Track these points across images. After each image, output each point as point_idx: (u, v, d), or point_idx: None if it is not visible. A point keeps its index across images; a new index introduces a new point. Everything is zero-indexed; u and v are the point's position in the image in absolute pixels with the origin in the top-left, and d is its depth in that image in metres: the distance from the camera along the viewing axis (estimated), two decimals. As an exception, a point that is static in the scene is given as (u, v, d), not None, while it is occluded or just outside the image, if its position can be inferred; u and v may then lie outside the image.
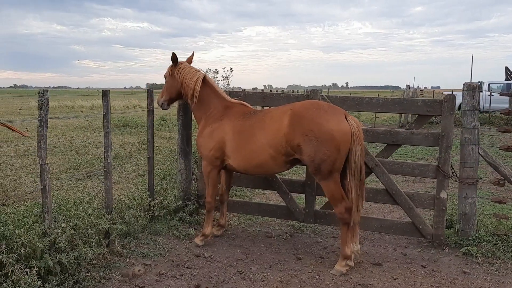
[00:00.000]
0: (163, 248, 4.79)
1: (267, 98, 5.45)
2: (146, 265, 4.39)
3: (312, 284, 4.09)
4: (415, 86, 27.01)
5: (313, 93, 5.18)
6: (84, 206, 4.40)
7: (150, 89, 5.36)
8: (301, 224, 5.62)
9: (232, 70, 10.61)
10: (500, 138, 14.33)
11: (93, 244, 3.94)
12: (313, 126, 4.18)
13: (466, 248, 4.67)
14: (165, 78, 5.16)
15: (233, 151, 4.68)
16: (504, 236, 4.68)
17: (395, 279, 4.23)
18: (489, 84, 21.67)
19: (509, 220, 4.93)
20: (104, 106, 4.40)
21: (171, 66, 5.08)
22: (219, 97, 4.97)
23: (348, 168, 4.31)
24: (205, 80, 4.99)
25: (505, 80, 25.49)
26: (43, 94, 3.53)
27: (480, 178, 4.86)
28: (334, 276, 4.25)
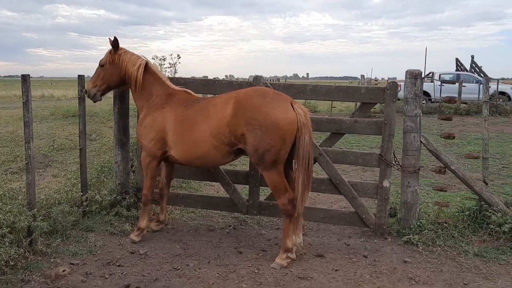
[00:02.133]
0: (95, 246, 4.47)
1: (210, 85, 5.20)
2: (73, 264, 4.07)
3: (250, 279, 3.91)
4: (373, 77, 27.41)
5: (256, 80, 4.97)
6: (3, 202, 4.02)
7: (81, 76, 4.96)
8: (246, 216, 5.44)
9: (180, 57, 10.26)
10: (450, 127, 14.72)
11: (8, 244, 3.57)
12: (258, 114, 3.97)
13: (407, 236, 4.63)
14: (102, 65, 4.75)
15: (174, 141, 4.41)
16: (445, 224, 4.69)
17: (336, 270, 4.12)
18: (440, 75, 22.25)
19: (449, 207, 4.95)
20: (23, 93, 4.00)
21: (111, 52, 4.73)
22: (162, 85, 4.69)
23: (295, 157, 4.13)
24: (147, 66, 4.69)
25: (456, 70, 26.31)
26: None
27: (422, 166, 4.82)
28: (274, 269, 4.09)
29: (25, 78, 4.01)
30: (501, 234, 4.48)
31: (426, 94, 21.58)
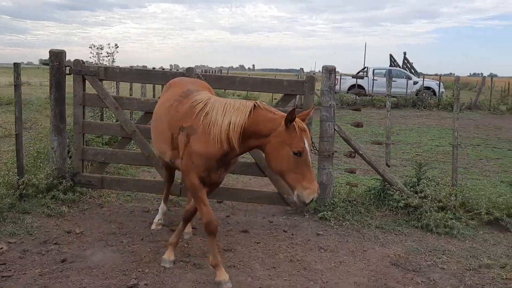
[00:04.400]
0: (31, 226, 4.69)
1: (144, 75, 5.52)
2: (11, 243, 4.30)
3: (180, 252, 4.34)
4: (316, 70, 28.55)
5: (189, 71, 5.35)
6: None
7: (17, 63, 5.10)
8: (180, 198, 5.83)
9: (117, 47, 10.17)
10: (379, 118, 15.82)
11: None
12: None
13: (322, 213, 5.25)
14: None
15: None
16: (354, 202, 5.37)
17: (257, 243, 4.65)
18: (373, 70, 23.61)
19: (358, 187, 5.64)
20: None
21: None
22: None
23: None
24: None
25: (390, 66, 27.99)
26: None
27: (336, 151, 5.46)
28: (204, 243, 4.54)
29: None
30: (399, 209, 5.23)
31: (360, 87, 22.87)
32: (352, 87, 22.75)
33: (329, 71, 5.24)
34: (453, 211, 5.10)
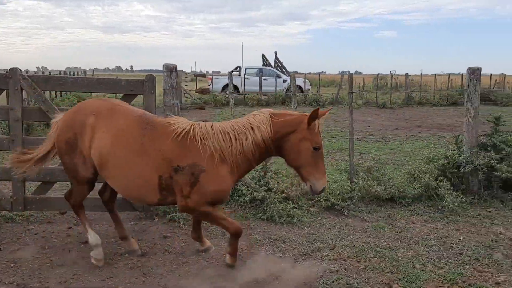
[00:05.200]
0: None
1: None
2: None
3: (4, 273, 3.89)
4: (198, 71, 28.49)
5: (12, 72, 4.80)
6: None
7: None
8: (14, 213, 5.23)
9: None
10: (225, 116, 16.26)
11: None
12: None
13: (171, 215, 5.14)
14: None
15: None
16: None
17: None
18: (246, 69, 24.29)
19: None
20: None
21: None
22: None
23: None
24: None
25: (262, 65, 29.11)
26: None
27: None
28: (34, 262, 4.12)
29: None
30: (246, 204, 5.36)
31: (234, 87, 23.39)
32: (225, 86, 23.14)
33: (170, 69, 5.14)
34: (296, 200, 5.38)
